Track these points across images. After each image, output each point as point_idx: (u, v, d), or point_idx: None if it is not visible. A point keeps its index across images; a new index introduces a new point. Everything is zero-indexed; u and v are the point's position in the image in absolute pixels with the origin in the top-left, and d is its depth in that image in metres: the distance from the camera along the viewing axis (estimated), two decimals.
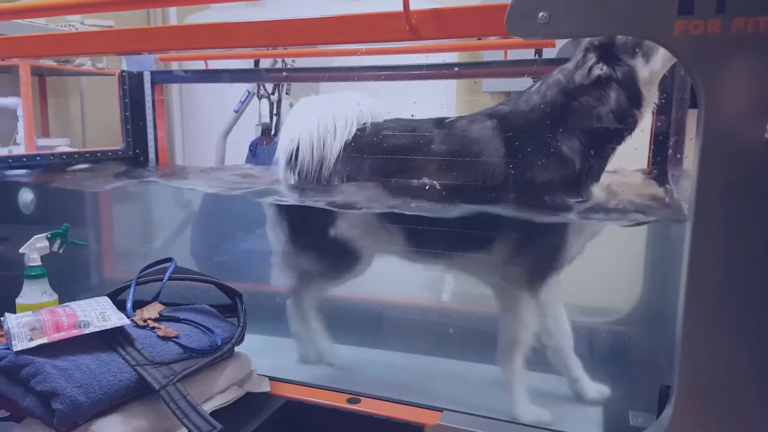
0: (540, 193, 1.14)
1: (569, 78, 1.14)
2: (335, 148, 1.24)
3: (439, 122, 1.25)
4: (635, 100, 1.11)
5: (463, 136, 1.20)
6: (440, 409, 0.95)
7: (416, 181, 1.19)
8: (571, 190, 1.13)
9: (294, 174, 1.29)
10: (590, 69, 1.11)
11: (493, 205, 1.15)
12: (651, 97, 1.12)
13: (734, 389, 0.71)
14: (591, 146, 1.12)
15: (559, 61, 1.40)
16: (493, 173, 1.16)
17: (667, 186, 1.25)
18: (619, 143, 1.14)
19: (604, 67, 1.10)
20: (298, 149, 1.26)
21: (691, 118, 1.12)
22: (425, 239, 1.24)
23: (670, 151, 1.26)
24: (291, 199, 1.31)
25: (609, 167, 1.17)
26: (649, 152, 1.29)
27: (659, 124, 1.26)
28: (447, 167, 1.19)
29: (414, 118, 1.28)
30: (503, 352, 1.20)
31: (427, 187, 1.18)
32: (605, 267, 1.48)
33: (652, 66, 1.10)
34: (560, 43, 1.41)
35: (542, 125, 1.15)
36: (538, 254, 1.20)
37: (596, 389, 1.24)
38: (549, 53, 1.47)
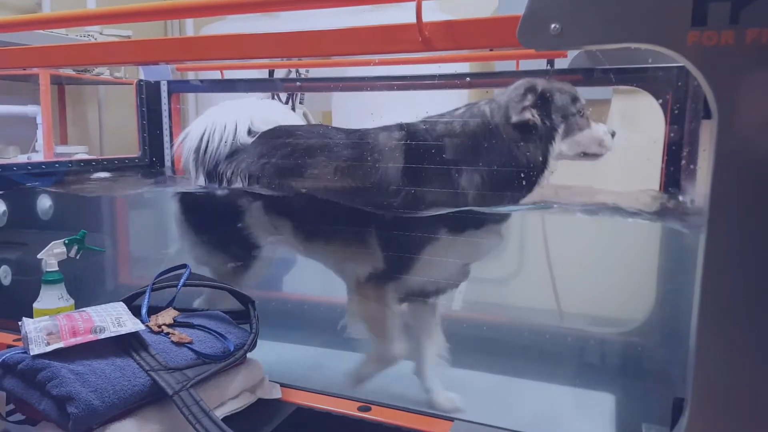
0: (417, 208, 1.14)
1: (496, 112, 1.12)
2: (224, 148, 1.32)
3: (344, 130, 1.27)
4: (543, 161, 1.10)
5: (362, 144, 1.22)
6: (451, 419, 0.94)
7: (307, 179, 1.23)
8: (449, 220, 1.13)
9: (201, 169, 1.36)
10: (524, 109, 1.09)
11: (372, 209, 1.17)
12: (550, 169, 1.11)
13: (749, 402, 0.70)
14: (486, 186, 1.11)
15: (571, 72, 1.40)
16: (383, 181, 1.16)
17: None
18: (516, 199, 1.12)
19: (536, 114, 1.09)
20: (199, 147, 1.34)
21: (705, 128, 1.11)
22: (305, 234, 1.30)
23: (683, 162, 1.25)
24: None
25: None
26: (663, 163, 1.29)
27: (672, 135, 1.25)
28: (336, 170, 1.21)
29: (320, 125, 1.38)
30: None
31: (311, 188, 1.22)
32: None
33: (562, 145, 1.10)
34: (572, 53, 1.40)
35: (452, 151, 1.13)
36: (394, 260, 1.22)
37: (446, 398, 1.31)
38: (561, 63, 1.47)
